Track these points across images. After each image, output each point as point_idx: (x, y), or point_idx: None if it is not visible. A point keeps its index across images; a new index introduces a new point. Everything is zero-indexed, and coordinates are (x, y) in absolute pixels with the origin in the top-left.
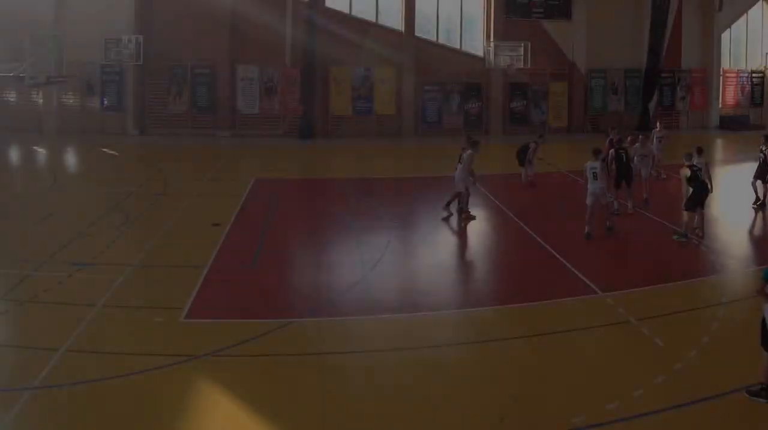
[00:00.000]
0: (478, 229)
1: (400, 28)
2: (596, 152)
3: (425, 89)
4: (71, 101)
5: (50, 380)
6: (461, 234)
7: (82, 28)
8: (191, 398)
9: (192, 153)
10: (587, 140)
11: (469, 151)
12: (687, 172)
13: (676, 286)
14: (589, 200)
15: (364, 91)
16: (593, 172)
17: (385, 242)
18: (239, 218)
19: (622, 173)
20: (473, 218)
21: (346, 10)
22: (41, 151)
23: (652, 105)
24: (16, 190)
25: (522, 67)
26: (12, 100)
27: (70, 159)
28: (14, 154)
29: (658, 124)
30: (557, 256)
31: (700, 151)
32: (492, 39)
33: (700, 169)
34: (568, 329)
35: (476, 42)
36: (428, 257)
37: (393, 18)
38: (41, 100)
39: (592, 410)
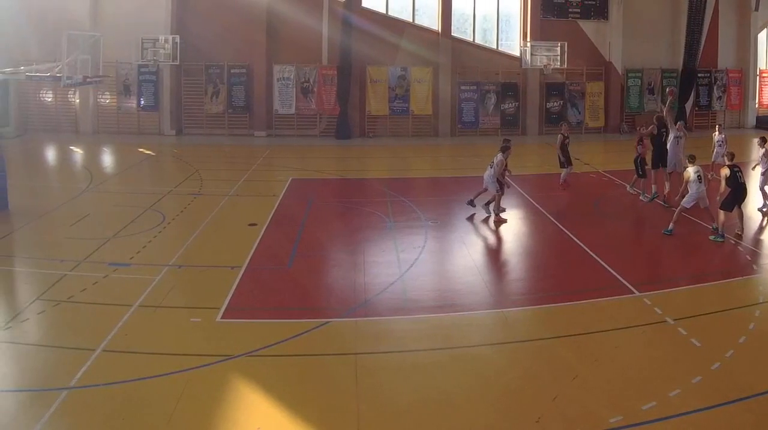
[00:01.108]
0: (515, 229)
1: (436, 28)
2: (693, 157)
3: (461, 89)
4: (108, 101)
5: (86, 380)
6: (498, 234)
7: (118, 28)
8: (227, 398)
9: (228, 153)
10: (624, 141)
11: (498, 156)
12: (727, 172)
13: (713, 286)
14: (690, 203)
15: (400, 91)
16: (698, 175)
17: (421, 241)
18: (275, 218)
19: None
20: (504, 221)
21: (382, 10)
22: (78, 151)
23: (688, 105)
24: (53, 190)
25: (559, 67)
26: (49, 100)
27: (107, 159)
28: (51, 155)
29: (717, 127)
30: (594, 255)
31: (764, 141)
32: (529, 39)
33: (740, 170)
34: (604, 329)
35: (513, 42)
36: (465, 256)
37: (429, 18)
38: (78, 101)
39: (629, 410)
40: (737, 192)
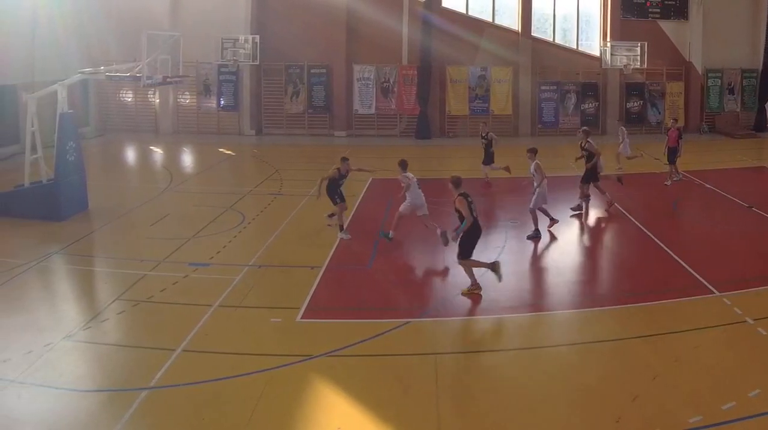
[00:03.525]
0: (595, 228)
1: (516, 28)
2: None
3: (541, 89)
4: (187, 101)
5: (166, 380)
6: (577, 233)
7: (198, 28)
8: (308, 398)
9: (308, 153)
10: (704, 141)
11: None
12: None
13: None
14: None
15: (480, 90)
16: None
17: (501, 241)
18: (355, 218)
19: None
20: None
21: (462, 10)
22: (157, 151)
23: None
24: (133, 190)
25: (639, 67)
26: (128, 100)
27: (186, 159)
28: (130, 154)
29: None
30: (673, 255)
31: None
32: (609, 39)
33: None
34: (684, 328)
35: (593, 42)
36: (544, 256)
37: (509, 18)
38: (157, 101)
39: (709, 410)
40: None
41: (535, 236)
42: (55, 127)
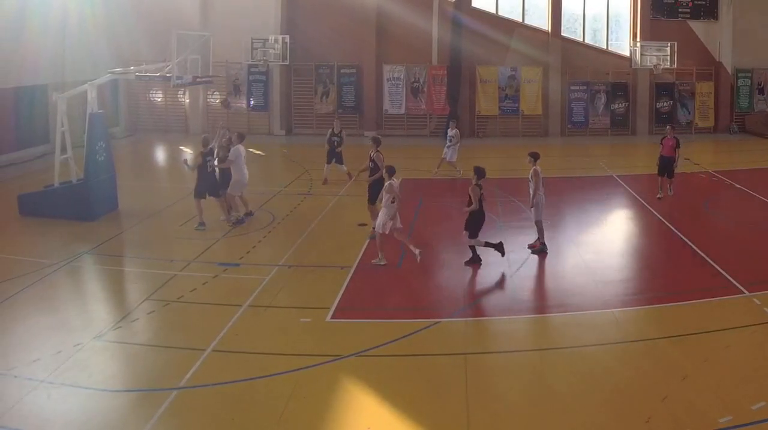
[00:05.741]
0: (624, 228)
1: (546, 28)
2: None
3: (571, 89)
4: (217, 101)
5: (196, 380)
6: (607, 234)
7: (228, 28)
8: (337, 398)
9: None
10: (734, 141)
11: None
12: None
13: None
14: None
15: (510, 91)
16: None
17: (531, 241)
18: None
19: None
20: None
21: (492, 10)
22: (187, 151)
23: None
24: (162, 190)
25: (668, 67)
26: (158, 100)
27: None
28: (160, 154)
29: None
30: (703, 255)
31: None
32: (638, 39)
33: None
34: (714, 329)
35: (622, 42)
36: (575, 256)
37: (539, 18)
38: (187, 101)
39: (739, 410)
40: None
41: (541, 251)
42: (85, 127)
